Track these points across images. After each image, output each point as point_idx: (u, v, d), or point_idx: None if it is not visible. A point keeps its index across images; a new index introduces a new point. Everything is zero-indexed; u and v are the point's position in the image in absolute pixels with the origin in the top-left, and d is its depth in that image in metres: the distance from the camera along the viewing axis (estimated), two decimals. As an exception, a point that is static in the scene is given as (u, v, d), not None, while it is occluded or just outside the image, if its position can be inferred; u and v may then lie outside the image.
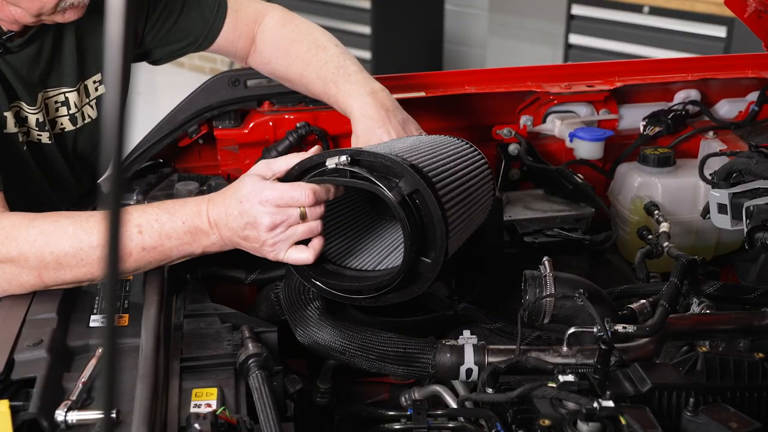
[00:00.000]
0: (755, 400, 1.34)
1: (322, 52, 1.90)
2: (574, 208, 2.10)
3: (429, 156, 1.49)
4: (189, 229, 1.45)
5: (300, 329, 1.53)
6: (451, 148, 1.61)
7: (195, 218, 1.46)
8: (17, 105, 1.71)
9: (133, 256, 1.45)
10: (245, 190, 1.44)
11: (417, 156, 1.46)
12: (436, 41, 6.48)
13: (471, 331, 1.55)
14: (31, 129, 1.75)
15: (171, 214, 1.46)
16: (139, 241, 1.44)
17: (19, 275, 1.46)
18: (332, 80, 1.84)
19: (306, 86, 1.94)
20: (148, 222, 1.45)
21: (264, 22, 2.01)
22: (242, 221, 1.43)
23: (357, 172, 1.40)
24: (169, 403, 1.30)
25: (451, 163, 1.53)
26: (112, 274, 0.71)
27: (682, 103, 2.29)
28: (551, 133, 2.26)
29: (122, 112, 0.71)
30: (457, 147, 1.64)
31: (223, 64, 7.20)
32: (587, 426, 1.19)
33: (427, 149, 1.53)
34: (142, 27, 1.91)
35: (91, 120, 1.85)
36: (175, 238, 1.45)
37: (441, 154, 1.54)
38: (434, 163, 1.47)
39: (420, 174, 1.39)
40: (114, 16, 0.67)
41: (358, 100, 1.77)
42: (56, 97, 1.78)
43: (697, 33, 4.95)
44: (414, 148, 1.51)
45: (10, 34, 1.64)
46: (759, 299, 1.67)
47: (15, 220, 1.47)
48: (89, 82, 1.83)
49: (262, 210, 1.41)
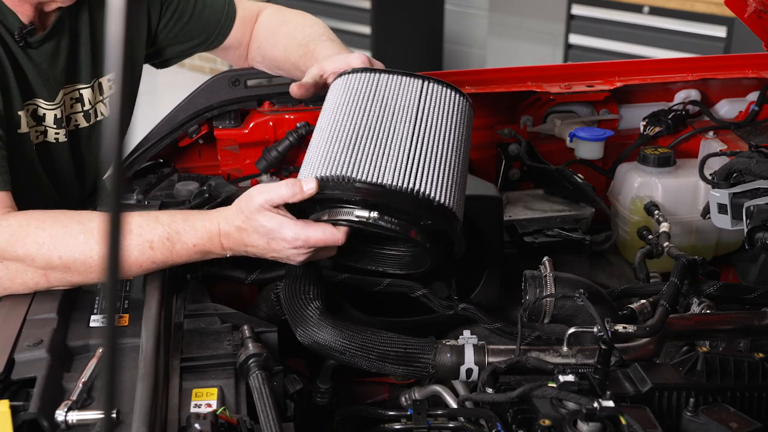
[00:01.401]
0: (755, 400, 1.34)
1: (308, 28, 1.96)
2: (574, 208, 2.09)
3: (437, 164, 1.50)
4: (200, 250, 1.50)
5: (300, 329, 1.53)
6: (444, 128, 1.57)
7: (206, 242, 1.50)
8: (33, 103, 1.72)
9: (144, 268, 1.50)
10: (270, 224, 1.46)
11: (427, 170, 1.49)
12: (436, 41, 6.48)
13: (471, 331, 1.55)
14: (49, 127, 1.75)
15: (180, 236, 1.48)
16: (150, 255, 1.48)
17: (24, 273, 1.46)
18: (312, 41, 1.89)
19: (288, 59, 1.96)
20: (160, 240, 1.48)
21: (261, 14, 2.07)
22: (266, 252, 1.50)
23: (385, 225, 1.46)
24: (169, 403, 1.30)
25: (450, 160, 1.53)
26: (113, 274, 0.71)
27: (682, 103, 2.29)
28: (551, 133, 2.26)
29: (122, 112, 0.71)
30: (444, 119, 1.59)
31: (223, 64, 7.19)
32: (587, 426, 1.19)
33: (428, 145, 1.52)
34: (155, 25, 1.93)
35: (104, 118, 1.87)
36: (186, 257, 1.50)
37: (443, 153, 1.52)
38: (445, 183, 1.50)
39: (445, 216, 1.47)
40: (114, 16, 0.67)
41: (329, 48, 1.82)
42: (72, 94, 1.79)
43: (697, 33, 4.94)
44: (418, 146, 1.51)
45: (30, 27, 1.66)
46: (759, 299, 1.67)
47: (22, 220, 1.47)
48: (104, 80, 1.85)
49: (292, 247, 1.47)
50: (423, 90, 1.56)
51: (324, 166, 1.47)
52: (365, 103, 1.54)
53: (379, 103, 1.54)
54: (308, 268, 1.62)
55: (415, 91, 1.55)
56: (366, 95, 1.55)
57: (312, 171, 1.49)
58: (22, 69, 1.68)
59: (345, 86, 1.59)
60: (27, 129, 1.70)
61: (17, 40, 1.65)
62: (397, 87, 1.56)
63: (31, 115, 1.72)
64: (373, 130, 1.50)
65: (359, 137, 1.49)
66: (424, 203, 1.45)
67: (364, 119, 1.52)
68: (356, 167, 1.45)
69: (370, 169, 1.45)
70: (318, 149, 1.52)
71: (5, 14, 1.63)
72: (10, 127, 1.65)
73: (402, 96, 1.55)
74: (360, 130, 1.50)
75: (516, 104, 2.29)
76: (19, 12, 1.64)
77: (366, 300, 1.78)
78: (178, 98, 2.14)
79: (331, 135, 1.51)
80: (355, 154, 1.47)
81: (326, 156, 1.48)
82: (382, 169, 1.45)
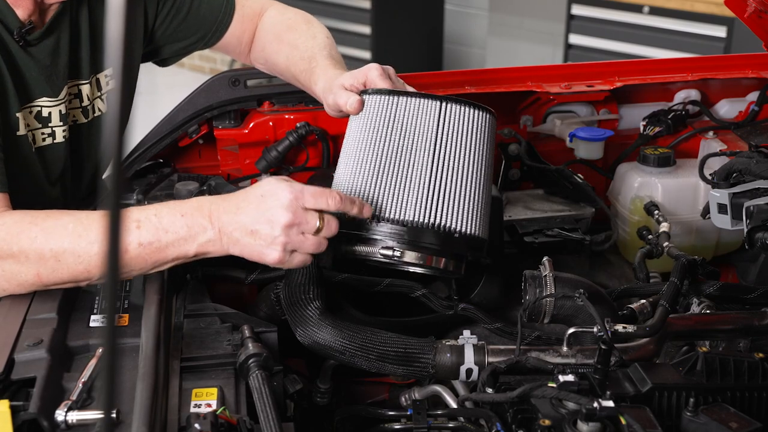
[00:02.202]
0: (755, 400, 1.34)
1: (311, 40, 1.93)
2: (574, 208, 2.09)
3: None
4: (187, 222, 1.43)
5: (300, 329, 1.53)
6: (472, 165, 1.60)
7: (195, 211, 1.44)
8: (37, 104, 1.71)
9: (130, 253, 1.43)
10: (267, 187, 1.44)
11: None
12: (436, 41, 6.48)
13: (471, 331, 1.55)
14: (56, 127, 1.75)
15: (171, 209, 1.45)
16: (136, 236, 1.42)
17: (18, 273, 1.46)
18: (312, 59, 1.86)
19: (289, 69, 1.94)
20: (147, 217, 1.44)
21: (266, 13, 2.05)
22: (257, 215, 1.42)
23: (409, 262, 1.53)
24: (169, 403, 1.30)
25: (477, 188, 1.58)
26: (112, 274, 0.71)
27: (682, 103, 2.29)
28: (551, 133, 2.26)
29: (122, 112, 0.71)
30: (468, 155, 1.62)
31: (223, 64, 7.20)
32: (587, 426, 1.19)
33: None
34: (152, 22, 1.92)
35: (102, 114, 1.86)
36: (172, 232, 1.43)
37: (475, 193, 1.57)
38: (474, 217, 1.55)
39: (468, 243, 1.54)
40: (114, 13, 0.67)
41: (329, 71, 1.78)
42: (71, 90, 1.79)
43: (697, 33, 4.94)
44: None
45: (29, 26, 1.65)
46: (759, 299, 1.67)
47: (17, 217, 1.47)
48: (101, 75, 1.85)
49: (286, 204, 1.41)
50: (441, 113, 1.58)
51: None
52: (384, 131, 1.58)
53: (398, 132, 1.57)
54: (308, 268, 1.61)
55: (434, 116, 1.57)
56: (384, 122, 1.59)
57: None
58: (21, 69, 1.67)
59: (366, 109, 1.63)
60: (25, 131, 1.70)
61: (16, 39, 1.64)
62: (415, 112, 1.58)
63: (36, 118, 1.71)
64: (394, 163, 1.55)
65: (380, 173, 1.55)
66: (447, 236, 1.52)
67: (384, 150, 1.56)
68: (380, 204, 1.52)
69: (391, 206, 1.52)
70: (343, 178, 1.59)
71: (4, 13, 1.63)
72: (6, 130, 1.64)
73: (420, 122, 1.57)
74: (381, 164, 1.55)
75: (516, 104, 2.29)
76: (19, 7, 1.64)
77: (366, 300, 1.78)
78: (178, 98, 2.14)
79: (354, 164, 1.58)
80: (376, 190, 1.53)
81: (350, 188, 1.56)
82: (403, 205, 1.52)
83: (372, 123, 1.59)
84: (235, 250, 1.45)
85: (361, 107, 1.63)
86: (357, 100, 1.63)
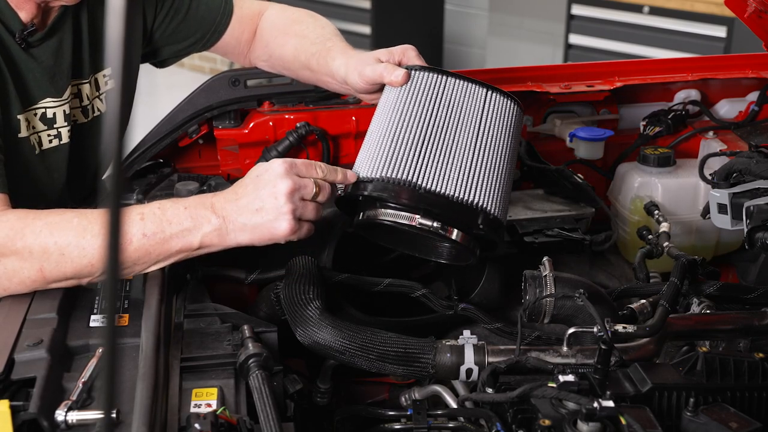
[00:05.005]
0: (755, 400, 1.34)
1: (320, 29, 1.95)
2: (574, 208, 2.09)
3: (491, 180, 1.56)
4: (191, 214, 1.46)
5: (300, 329, 1.53)
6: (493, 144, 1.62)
7: (197, 204, 1.48)
8: (41, 106, 1.71)
9: (134, 244, 1.44)
10: (259, 168, 1.49)
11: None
12: (436, 41, 6.48)
13: (471, 331, 1.55)
14: (61, 128, 1.75)
15: (174, 202, 1.49)
16: (141, 227, 1.44)
17: (21, 270, 1.46)
18: (328, 40, 1.88)
19: (298, 58, 1.94)
20: (151, 209, 1.47)
21: (266, 13, 2.05)
22: (258, 192, 1.46)
23: (445, 235, 1.54)
24: (169, 403, 1.30)
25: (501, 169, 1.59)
26: (113, 271, 0.71)
27: (682, 103, 2.29)
28: (551, 133, 2.26)
29: (122, 112, 0.71)
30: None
31: (223, 64, 7.19)
32: (587, 426, 1.19)
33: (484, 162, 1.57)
34: (150, 23, 1.93)
35: (101, 113, 1.86)
36: (176, 224, 1.45)
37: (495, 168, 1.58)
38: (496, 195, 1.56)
39: (496, 227, 1.55)
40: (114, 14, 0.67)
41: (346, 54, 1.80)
42: (72, 89, 1.79)
43: (697, 33, 4.95)
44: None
45: (31, 29, 1.65)
46: (759, 299, 1.67)
47: (20, 214, 1.48)
48: (99, 75, 1.85)
49: (282, 173, 1.46)
50: (487, 100, 1.61)
51: (387, 166, 1.53)
52: (431, 106, 1.59)
53: (445, 109, 1.59)
54: (308, 268, 1.62)
55: (479, 101, 1.60)
56: (432, 98, 1.60)
57: (374, 167, 1.54)
58: (23, 72, 1.67)
59: (411, 83, 1.63)
60: (27, 134, 1.70)
61: (18, 42, 1.64)
62: (463, 94, 1.60)
63: (41, 120, 1.71)
64: (439, 137, 1.56)
65: (425, 143, 1.55)
66: (482, 216, 1.53)
67: (430, 124, 1.57)
68: (421, 174, 1.52)
69: (433, 178, 1.52)
70: (381, 145, 1.57)
71: (7, 16, 1.63)
72: (7, 132, 1.64)
73: (467, 104, 1.60)
74: (426, 135, 1.55)
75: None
76: (22, 9, 1.64)
77: (366, 300, 1.78)
78: (178, 98, 2.14)
79: (396, 133, 1.57)
80: (421, 160, 1.53)
81: (390, 155, 1.54)
82: (445, 180, 1.52)
83: (417, 97, 1.60)
84: (243, 238, 1.48)
85: (407, 80, 1.64)
86: (404, 72, 1.64)
